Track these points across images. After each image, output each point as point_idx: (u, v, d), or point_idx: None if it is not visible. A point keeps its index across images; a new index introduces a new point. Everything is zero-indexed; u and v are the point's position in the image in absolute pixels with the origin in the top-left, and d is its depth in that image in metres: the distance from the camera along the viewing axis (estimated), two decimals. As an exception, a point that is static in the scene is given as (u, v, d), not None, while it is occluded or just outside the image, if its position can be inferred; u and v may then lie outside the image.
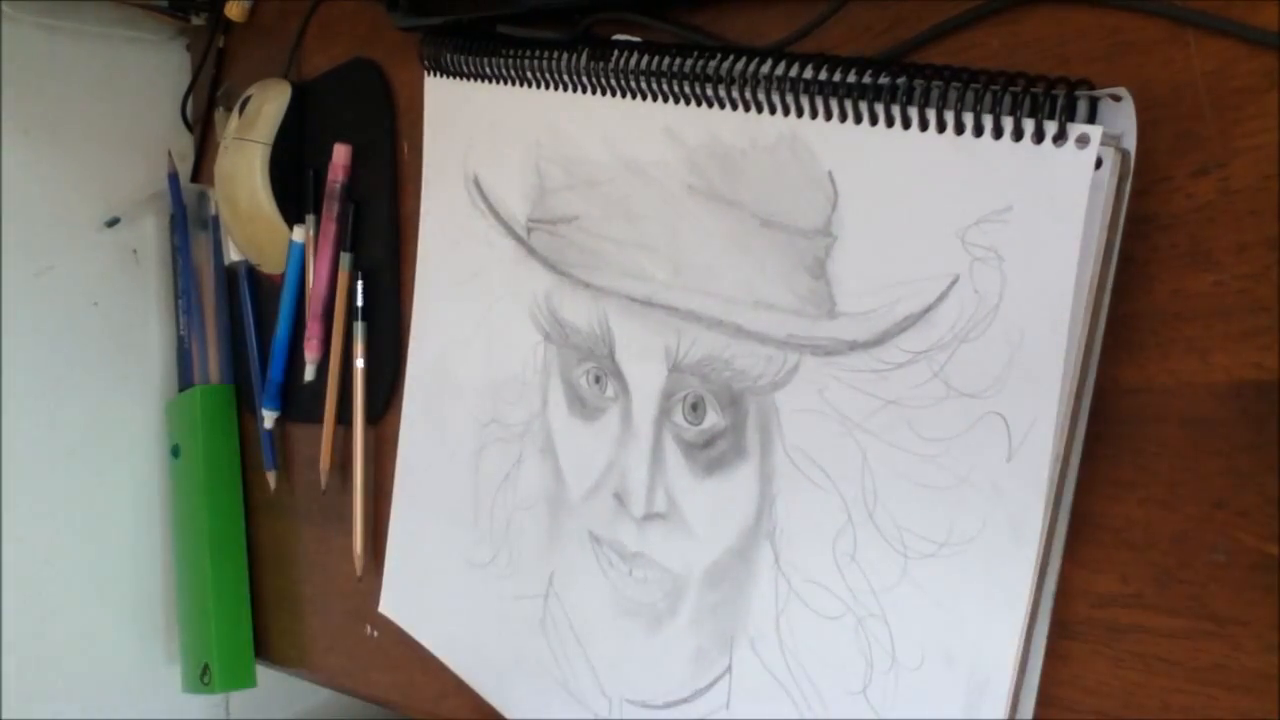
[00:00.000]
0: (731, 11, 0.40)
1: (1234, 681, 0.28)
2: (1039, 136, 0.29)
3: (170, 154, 0.82)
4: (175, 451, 0.80)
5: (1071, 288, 0.28)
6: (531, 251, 0.46)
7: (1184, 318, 0.29)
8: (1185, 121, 0.28)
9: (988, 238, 0.30)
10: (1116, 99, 0.28)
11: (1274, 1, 0.27)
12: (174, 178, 0.81)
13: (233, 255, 0.75)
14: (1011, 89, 0.29)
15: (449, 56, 0.50)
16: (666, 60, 0.38)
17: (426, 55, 0.52)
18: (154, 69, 0.84)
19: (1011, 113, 0.29)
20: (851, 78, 0.33)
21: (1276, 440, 0.27)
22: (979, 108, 0.30)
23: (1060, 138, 0.28)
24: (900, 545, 0.33)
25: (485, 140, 0.49)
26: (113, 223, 0.82)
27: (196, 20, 0.82)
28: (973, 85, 0.30)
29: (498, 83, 0.47)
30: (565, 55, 0.43)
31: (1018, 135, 0.29)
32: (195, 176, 0.84)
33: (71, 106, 0.80)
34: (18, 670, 0.73)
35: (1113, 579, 0.30)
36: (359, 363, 0.61)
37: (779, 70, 0.35)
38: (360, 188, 0.62)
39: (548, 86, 0.44)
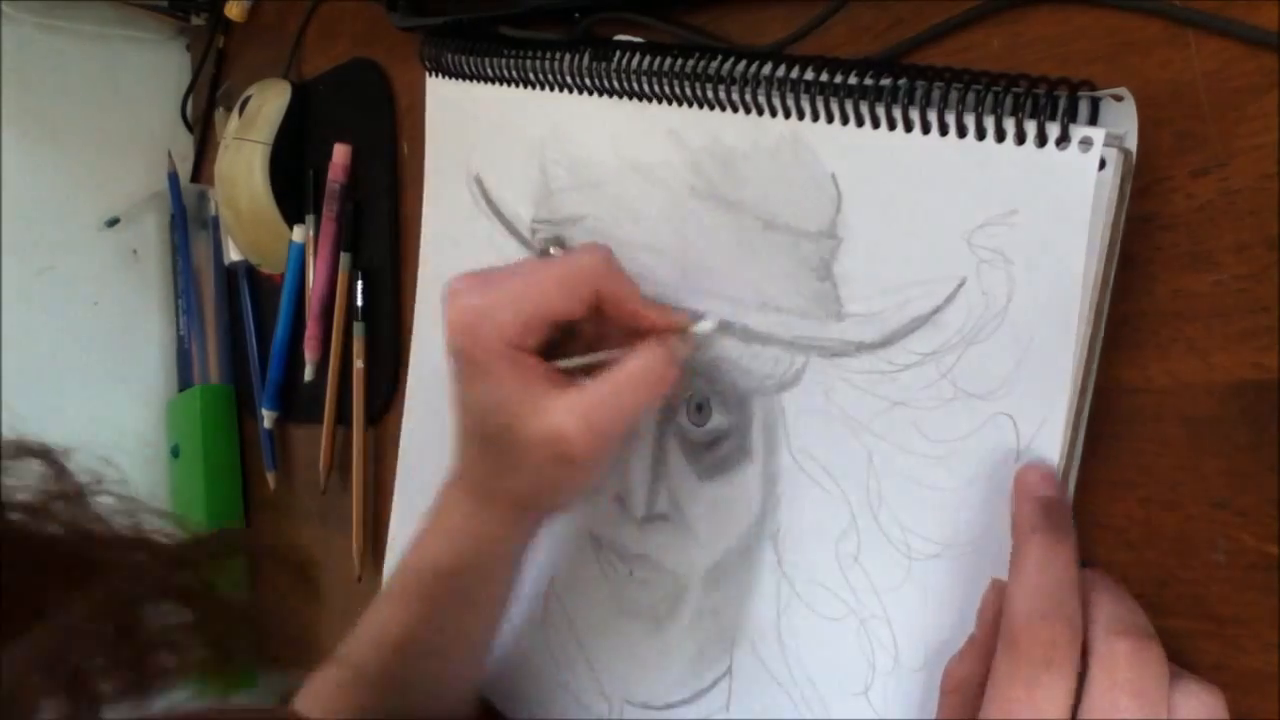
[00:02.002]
0: (732, 12, 0.40)
1: (1234, 681, 0.28)
2: (1041, 140, 0.29)
3: (170, 154, 0.82)
4: (175, 451, 0.80)
5: (1079, 290, 0.28)
6: (536, 253, 0.46)
7: (1184, 318, 0.29)
8: (1185, 121, 0.28)
9: (994, 241, 0.30)
10: (1118, 99, 0.28)
11: (1274, 1, 0.27)
12: (174, 178, 0.81)
13: (233, 255, 0.75)
14: (1014, 90, 0.29)
15: (450, 57, 0.50)
16: (668, 61, 0.38)
17: (427, 56, 0.52)
18: (154, 69, 0.85)
19: (1014, 115, 0.29)
20: (853, 79, 0.33)
21: (1276, 440, 0.27)
22: (980, 110, 0.30)
23: (1063, 140, 0.28)
24: (904, 547, 0.33)
25: (488, 141, 0.49)
26: (113, 223, 0.82)
27: (196, 20, 0.82)
28: (974, 87, 0.30)
29: (499, 84, 0.47)
30: (567, 56, 0.43)
31: (1020, 139, 0.29)
32: (195, 176, 0.84)
33: (71, 106, 0.80)
34: (18, 670, 0.73)
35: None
36: (358, 363, 0.61)
37: (780, 72, 0.35)
38: (360, 188, 0.62)
39: (550, 88, 0.44)
